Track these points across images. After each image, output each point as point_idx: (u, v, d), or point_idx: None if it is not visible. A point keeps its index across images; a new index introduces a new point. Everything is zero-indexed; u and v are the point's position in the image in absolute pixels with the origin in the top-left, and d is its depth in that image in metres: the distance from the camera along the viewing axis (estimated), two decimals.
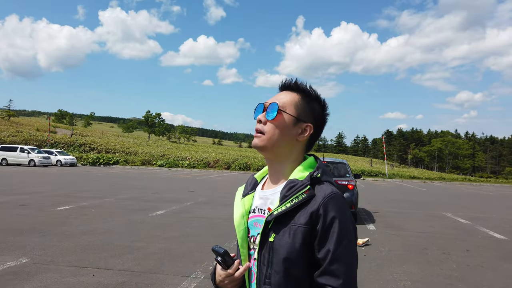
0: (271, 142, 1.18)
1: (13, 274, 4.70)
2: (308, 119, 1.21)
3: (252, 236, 1.22)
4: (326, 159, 10.06)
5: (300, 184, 1.13)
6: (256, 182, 1.32)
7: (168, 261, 5.52)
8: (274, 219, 1.12)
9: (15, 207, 9.75)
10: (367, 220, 9.67)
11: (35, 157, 33.07)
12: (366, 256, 6.17)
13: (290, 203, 1.11)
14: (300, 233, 1.09)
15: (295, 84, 1.23)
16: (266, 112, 1.19)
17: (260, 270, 1.14)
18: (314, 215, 1.08)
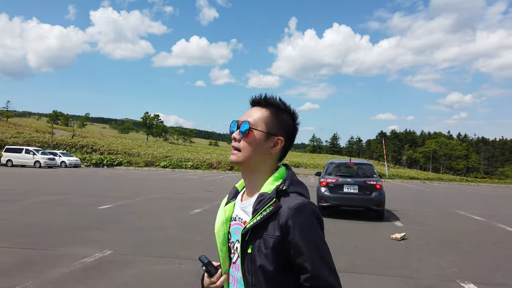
0: (246, 158, 1.27)
1: (108, 263, 5.28)
2: (279, 132, 1.29)
3: (232, 242, 1.33)
4: (353, 161, 10.71)
5: (267, 197, 1.22)
6: (237, 191, 1.42)
7: None
8: (249, 232, 1.22)
9: (60, 206, 10.25)
10: (392, 218, 10.35)
11: (40, 159, 33.24)
12: (409, 248, 6.84)
13: (259, 216, 1.20)
14: (272, 243, 1.18)
15: (264, 100, 1.31)
16: (239, 130, 1.28)
17: (246, 279, 1.24)
18: (283, 227, 1.17)
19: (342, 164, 10.58)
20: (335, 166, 10.43)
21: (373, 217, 10.22)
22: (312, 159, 65.16)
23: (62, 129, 76.16)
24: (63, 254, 5.63)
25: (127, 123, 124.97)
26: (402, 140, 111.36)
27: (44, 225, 7.71)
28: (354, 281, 4.94)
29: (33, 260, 5.35)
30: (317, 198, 10.10)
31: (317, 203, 10.02)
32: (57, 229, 7.34)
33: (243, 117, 1.30)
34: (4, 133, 44.39)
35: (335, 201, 9.72)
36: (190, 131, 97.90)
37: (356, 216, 10.44)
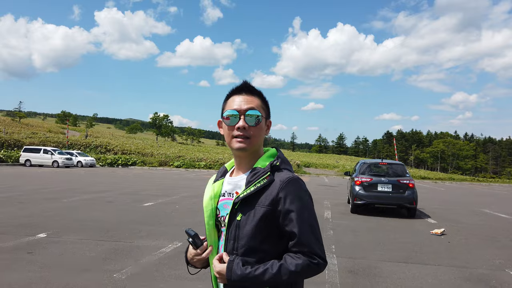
0: (256, 143, 1.38)
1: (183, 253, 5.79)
2: (268, 115, 1.45)
3: (222, 216, 1.42)
4: (385, 161, 11.18)
5: (262, 171, 1.33)
6: (226, 171, 1.53)
7: None
8: (240, 201, 1.32)
9: (105, 203, 10.79)
10: (422, 215, 10.82)
11: (58, 159, 33.88)
12: (451, 243, 7.33)
13: (253, 187, 1.31)
14: (262, 212, 1.29)
15: (253, 87, 1.43)
16: (245, 118, 1.35)
17: (228, 244, 1.34)
18: (275, 198, 1.28)
19: (374, 164, 11.05)
20: (368, 166, 10.91)
21: (405, 214, 10.70)
22: (320, 159, 65.49)
23: (72, 129, 77.00)
24: (142, 245, 6.17)
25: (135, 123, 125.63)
26: (409, 140, 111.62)
27: (102, 221, 8.24)
28: (415, 270, 5.43)
29: (120, 250, 5.88)
30: (351, 196, 10.59)
31: (352, 201, 10.51)
32: (118, 224, 7.87)
33: (243, 105, 1.37)
34: (19, 134, 45.10)
35: (370, 199, 10.19)
36: (198, 131, 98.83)
37: (388, 213, 10.91)
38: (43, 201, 10.79)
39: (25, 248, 5.84)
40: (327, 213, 10.46)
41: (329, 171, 42.51)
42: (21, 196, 11.81)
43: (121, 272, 4.84)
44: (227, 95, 1.45)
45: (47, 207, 9.83)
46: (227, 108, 1.40)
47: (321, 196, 15.29)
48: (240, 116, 1.35)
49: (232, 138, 1.36)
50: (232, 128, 1.36)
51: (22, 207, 9.60)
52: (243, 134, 1.34)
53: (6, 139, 39.80)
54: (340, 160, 68.07)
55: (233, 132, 1.36)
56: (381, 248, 6.73)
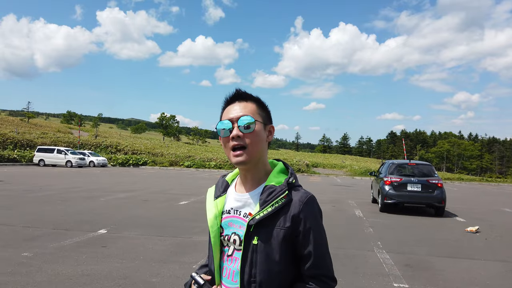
0: (255, 153, 1.26)
1: None
2: (269, 120, 1.35)
3: (226, 235, 1.32)
4: (413, 161, 11.55)
5: (279, 189, 1.24)
6: (227, 184, 1.42)
7: (347, 240, 7.03)
8: (255, 223, 1.23)
9: (142, 202, 11.20)
10: (450, 214, 11.20)
11: (72, 158, 34.31)
12: (488, 240, 7.71)
13: (271, 207, 1.22)
14: (282, 235, 1.21)
15: (245, 94, 1.33)
16: (239, 126, 1.25)
17: (244, 271, 1.24)
18: (295, 219, 1.22)
19: (403, 165, 11.43)
20: (396, 166, 11.29)
21: (432, 213, 11.08)
22: (326, 159, 65.78)
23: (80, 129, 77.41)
24: (202, 240, 6.57)
25: (141, 123, 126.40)
26: (413, 140, 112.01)
27: (150, 218, 8.65)
28: (464, 264, 5.82)
29: (184, 244, 6.30)
30: (381, 195, 10.97)
31: (382, 200, 10.89)
32: (167, 221, 8.28)
33: (233, 113, 1.28)
34: (31, 134, 45.58)
35: (400, 199, 10.58)
36: (205, 132, 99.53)
37: (417, 212, 11.29)
38: (84, 200, 11.20)
39: (96, 242, 6.25)
40: (357, 212, 10.85)
41: (338, 171, 42.84)
42: (59, 195, 12.23)
43: (197, 263, 5.23)
44: (222, 107, 1.37)
45: (91, 205, 10.24)
46: (221, 120, 1.33)
47: (344, 196, 15.67)
48: (233, 125, 1.26)
49: (230, 151, 1.27)
50: (227, 140, 1.27)
51: (68, 205, 10.01)
52: (238, 144, 1.25)
53: (19, 139, 40.27)
54: (346, 160, 68.35)
55: (230, 144, 1.26)
56: (424, 244, 7.12)
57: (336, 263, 5.59)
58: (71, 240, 6.30)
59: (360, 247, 6.70)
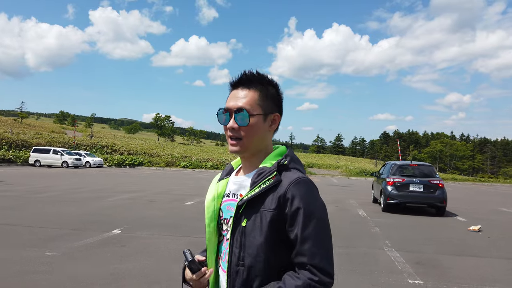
0: (249, 144, 1.23)
1: None
2: (273, 109, 1.26)
3: (225, 218, 1.29)
4: (414, 162, 11.83)
5: (268, 170, 1.20)
6: (232, 169, 1.39)
7: (356, 239, 7.25)
8: (245, 204, 1.20)
9: (148, 203, 11.33)
10: (450, 214, 11.49)
11: (68, 159, 34.17)
12: (490, 238, 7.99)
13: (258, 188, 1.18)
14: (269, 217, 1.15)
15: (248, 79, 1.26)
16: (234, 119, 1.21)
17: (233, 253, 1.20)
18: (281, 200, 1.15)
19: (405, 165, 11.69)
20: (398, 167, 11.55)
21: (432, 213, 11.36)
22: (320, 160, 66.17)
23: (73, 129, 77.06)
24: None
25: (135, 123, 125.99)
26: (406, 140, 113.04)
27: (161, 218, 8.79)
28: (471, 262, 6.07)
29: (200, 243, 6.36)
30: (384, 196, 11.22)
31: (384, 200, 11.15)
32: (179, 221, 8.44)
33: (232, 102, 1.24)
34: (25, 134, 45.29)
35: (402, 199, 10.85)
36: (200, 132, 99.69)
37: (418, 212, 11.56)
38: (91, 201, 11.29)
39: (113, 242, 6.39)
40: (361, 212, 11.10)
41: (333, 171, 43.17)
42: (64, 195, 12.31)
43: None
44: (229, 88, 1.31)
45: (100, 206, 10.35)
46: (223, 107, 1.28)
47: (344, 196, 15.93)
48: (231, 115, 1.23)
49: (228, 139, 1.26)
50: (225, 128, 1.25)
51: (77, 206, 10.11)
52: (233, 135, 1.22)
53: (13, 139, 40.03)
54: (340, 161, 68.82)
55: (227, 132, 1.25)
56: (430, 243, 7.36)
57: (352, 261, 5.82)
58: (89, 240, 6.43)
59: (370, 245, 6.92)
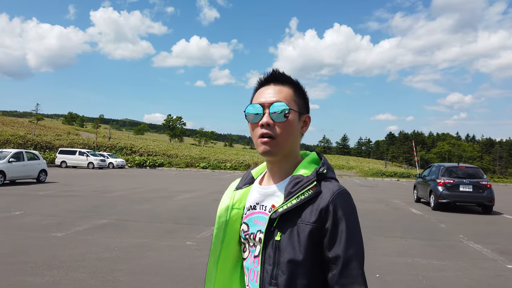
0: (284, 144, 1.12)
1: None
2: (305, 109, 1.19)
3: (252, 233, 1.17)
4: (461, 164, 12.76)
5: (306, 180, 1.09)
6: (252, 178, 1.28)
7: (431, 234, 8.16)
8: (279, 217, 1.08)
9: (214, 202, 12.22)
10: (495, 212, 12.40)
11: (93, 160, 35.13)
12: None
13: (296, 199, 1.07)
14: (308, 232, 1.05)
15: (283, 76, 1.18)
16: (270, 113, 1.11)
17: (265, 270, 1.10)
18: (323, 212, 1.05)
19: (453, 167, 12.59)
20: (447, 169, 12.46)
21: (479, 211, 12.28)
22: (329, 161, 66.71)
23: (84, 131, 78.17)
24: None
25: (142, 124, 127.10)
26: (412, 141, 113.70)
27: None
28: None
29: None
30: (435, 196, 12.12)
31: (436, 200, 12.05)
32: None
33: (267, 96, 1.14)
34: (46, 136, 46.27)
35: (453, 198, 11.77)
36: (211, 133, 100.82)
37: (466, 210, 12.47)
38: (163, 200, 12.22)
39: None
40: (414, 210, 12.02)
41: (348, 172, 44.00)
42: (134, 195, 13.22)
43: None
44: (255, 87, 1.24)
45: (174, 205, 11.27)
46: (251, 103, 1.20)
47: (383, 196, 16.84)
48: (264, 110, 1.13)
49: (257, 139, 1.15)
50: (256, 126, 1.15)
51: (158, 205, 11.02)
52: (267, 132, 1.12)
53: (38, 141, 40.99)
54: (349, 161, 69.69)
55: (258, 131, 1.14)
56: (500, 237, 8.27)
57: (444, 251, 6.75)
58: (207, 233, 7.35)
59: (449, 239, 7.83)
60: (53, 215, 8.95)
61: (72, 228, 7.51)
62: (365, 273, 1.06)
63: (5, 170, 15.59)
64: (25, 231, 7.15)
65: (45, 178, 17.95)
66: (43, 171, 17.81)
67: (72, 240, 6.55)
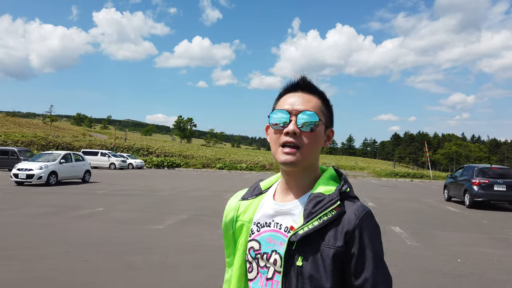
0: (308, 156, 1.05)
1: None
2: (330, 123, 1.12)
3: (264, 253, 1.08)
4: (495, 166, 13.68)
5: (328, 199, 1.01)
6: (260, 191, 1.19)
7: (478, 229, 9.05)
8: (298, 240, 1.00)
9: None
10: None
11: (115, 161, 36.13)
12: None
13: (318, 221, 0.99)
14: (332, 256, 0.97)
15: (313, 85, 1.11)
16: (297, 122, 1.03)
17: None
18: (348, 236, 0.97)
19: (486, 168, 13.50)
20: (480, 170, 13.36)
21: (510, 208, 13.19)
22: (338, 161, 67.83)
23: (96, 132, 79.35)
24: None
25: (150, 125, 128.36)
26: (418, 141, 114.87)
27: None
28: None
29: None
30: (470, 195, 13.02)
31: (471, 199, 12.96)
32: None
33: (296, 104, 1.06)
34: (64, 137, 47.29)
35: (488, 197, 12.68)
36: (221, 134, 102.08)
37: (498, 208, 13.36)
38: (215, 198, 13.13)
39: None
40: (451, 208, 12.94)
41: (361, 173, 44.72)
42: (183, 193, 14.13)
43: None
44: (279, 93, 1.14)
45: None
46: (276, 108, 1.09)
47: (412, 196, 17.75)
48: (291, 118, 1.04)
49: (278, 147, 1.05)
50: (279, 133, 1.05)
51: (215, 202, 11.90)
52: (292, 141, 1.02)
53: (59, 142, 42.00)
54: (358, 162, 70.44)
55: (281, 139, 1.04)
56: None
57: (504, 242, 7.58)
58: None
59: (500, 233, 8.72)
60: (132, 210, 9.89)
61: (163, 222, 8.43)
62: (449, 259, 1.35)
63: (57, 171, 16.57)
64: (124, 224, 8.08)
65: (89, 178, 18.93)
66: (88, 172, 18.80)
67: (176, 231, 7.49)
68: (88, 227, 7.65)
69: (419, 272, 5.35)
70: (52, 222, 8.10)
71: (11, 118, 65.46)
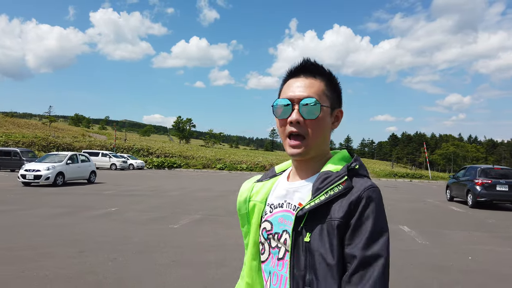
0: (315, 145, 1.04)
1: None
2: (337, 103, 1.10)
3: (275, 233, 1.07)
4: (497, 166, 13.93)
5: (336, 175, 1.00)
6: (275, 174, 1.20)
7: (485, 227, 9.28)
8: (306, 216, 0.99)
9: None
10: None
11: (116, 161, 36.21)
12: None
13: (324, 195, 0.97)
14: (336, 227, 0.95)
15: (315, 67, 1.09)
16: (300, 109, 1.02)
17: (294, 275, 0.99)
18: (352, 206, 0.95)
19: (489, 169, 13.76)
20: (483, 170, 13.61)
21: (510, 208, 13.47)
22: None
23: (95, 133, 79.25)
24: None
25: (148, 126, 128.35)
26: (415, 142, 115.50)
27: None
28: None
29: None
30: (473, 195, 13.27)
31: (474, 198, 13.20)
32: None
33: (296, 91, 1.04)
34: (64, 138, 47.33)
35: (491, 197, 12.93)
36: (220, 135, 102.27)
37: (499, 208, 13.62)
38: (223, 198, 13.32)
39: None
40: (454, 208, 13.18)
41: None
42: (191, 194, 14.29)
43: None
44: (283, 78, 1.11)
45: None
46: (280, 96, 1.09)
47: (413, 196, 18.00)
48: (294, 106, 1.02)
49: (285, 138, 1.05)
50: (284, 123, 1.04)
51: (225, 202, 12.07)
52: (297, 131, 1.02)
53: (59, 143, 42.04)
54: None
55: (286, 129, 1.04)
56: None
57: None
58: None
59: (504, 231, 8.95)
60: (145, 211, 10.05)
61: (178, 221, 8.60)
62: (460, 258, 1.34)
63: (64, 172, 16.70)
64: (139, 224, 8.25)
65: (95, 179, 19.06)
66: (93, 172, 18.93)
67: (192, 231, 7.66)
68: (105, 227, 7.81)
69: (434, 268, 5.56)
70: (68, 222, 8.24)
71: (10, 118, 65.44)
